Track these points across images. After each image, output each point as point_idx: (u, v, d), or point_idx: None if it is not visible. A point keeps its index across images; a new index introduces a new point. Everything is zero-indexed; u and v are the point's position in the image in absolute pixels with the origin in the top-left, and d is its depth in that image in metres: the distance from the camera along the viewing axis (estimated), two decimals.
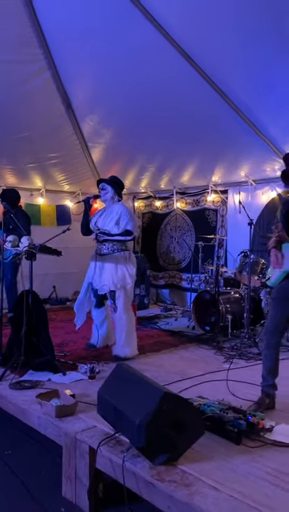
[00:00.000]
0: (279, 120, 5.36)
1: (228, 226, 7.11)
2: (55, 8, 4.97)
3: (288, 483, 2.20)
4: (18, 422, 3.34)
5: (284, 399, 3.32)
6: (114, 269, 4.36)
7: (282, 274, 3.16)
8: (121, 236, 4.36)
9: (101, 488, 2.66)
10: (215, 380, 3.75)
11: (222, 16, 4.23)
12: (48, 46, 5.48)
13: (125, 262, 4.41)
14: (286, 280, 3.15)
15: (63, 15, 5.02)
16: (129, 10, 4.58)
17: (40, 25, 5.19)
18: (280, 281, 3.19)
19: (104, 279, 4.39)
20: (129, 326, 4.41)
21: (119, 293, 4.37)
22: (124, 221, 4.34)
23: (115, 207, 4.46)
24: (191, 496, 2.07)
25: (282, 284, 3.19)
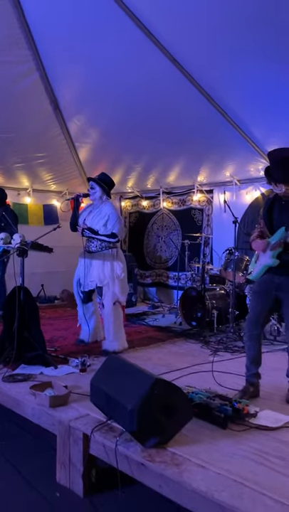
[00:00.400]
0: (262, 123, 5.55)
1: (214, 225, 7.29)
2: (43, 10, 5.06)
3: (272, 461, 2.35)
4: (10, 415, 3.44)
5: (267, 388, 3.49)
6: (102, 266, 4.49)
7: (264, 269, 3.32)
8: (106, 237, 4.47)
9: (94, 473, 2.77)
10: (202, 372, 3.90)
11: (209, 23, 4.36)
12: (37, 47, 5.57)
13: (113, 259, 4.53)
14: (267, 274, 3.31)
15: (52, 16, 5.11)
16: (117, 14, 4.69)
17: (29, 27, 5.27)
18: (261, 275, 3.35)
19: (91, 275, 4.52)
20: (117, 321, 4.55)
21: (106, 289, 4.49)
22: (111, 224, 4.45)
23: (104, 207, 4.57)
24: (180, 474, 2.20)
25: (263, 278, 3.35)
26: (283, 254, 3.18)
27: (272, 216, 3.31)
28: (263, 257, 3.33)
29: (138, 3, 4.58)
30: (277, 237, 3.21)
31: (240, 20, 4.19)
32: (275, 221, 3.28)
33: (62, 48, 5.55)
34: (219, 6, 4.12)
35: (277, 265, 3.21)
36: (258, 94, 5.08)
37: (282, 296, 3.25)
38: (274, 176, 3.14)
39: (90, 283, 4.54)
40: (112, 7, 4.64)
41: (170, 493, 2.24)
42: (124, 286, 4.62)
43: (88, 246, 4.62)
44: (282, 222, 3.22)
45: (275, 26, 4.07)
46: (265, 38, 4.29)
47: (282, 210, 3.24)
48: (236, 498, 1.99)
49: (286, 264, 3.18)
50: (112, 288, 4.49)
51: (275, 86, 4.84)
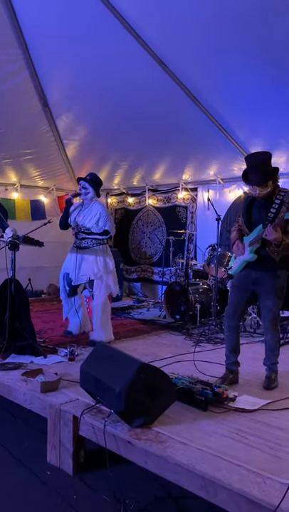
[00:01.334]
0: (245, 124, 5.76)
1: (198, 222, 7.50)
2: (34, 10, 5.17)
3: (248, 438, 2.56)
4: (1, 402, 3.60)
5: (246, 375, 3.72)
6: (95, 261, 4.70)
7: (243, 264, 3.53)
8: (99, 235, 4.70)
9: (82, 454, 2.96)
10: (184, 361, 4.10)
11: (195, 24, 4.52)
12: (27, 46, 5.69)
13: (103, 254, 4.76)
14: (246, 269, 3.53)
15: (42, 17, 5.23)
16: (105, 15, 4.82)
17: (20, 27, 5.39)
18: (240, 270, 3.57)
19: (83, 269, 4.71)
20: (106, 313, 4.75)
21: (99, 282, 4.70)
22: (102, 221, 4.65)
23: (94, 206, 4.75)
24: (164, 450, 2.40)
25: (242, 273, 3.56)
26: (261, 250, 3.40)
27: (252, 214, 3.53)
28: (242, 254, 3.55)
29: (125, 4, 4.74)
30: (255, 234, 3.42)
31: (225, 22, 4.36)
32: (254, 218, 3.50)
33: (51, 47, 5.67)
34: (205, 7, 4.27)
35: (255, 260, 3.43)
36: (242, 96, 5.27)
37: (259, 290, 3.47)
38: (250, 179, 3.34)
39: (82, 277, 4.72)
40: (100, 8, 4.77)
41: (155, 468, 2.44)
42: (116, 279, 4.87)
43: (79, 242, 4.80)
44: (260, 219, 3.43)
45: (261, 29, 4.24)
46: (250, 41, 4.46)
47: (260, 208, 3.45)
48: (215, 469, 2.20)
49: (263, 259, 3.39)
50: (105, 281, 4.70)
51: (258, 88, 5.03)
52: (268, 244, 3.35)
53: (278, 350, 3.54)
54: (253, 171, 3.31)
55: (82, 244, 4.77)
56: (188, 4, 4.32)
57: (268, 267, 3.40)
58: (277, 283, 3.41)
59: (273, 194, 3.38)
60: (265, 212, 3.41)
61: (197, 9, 4.34)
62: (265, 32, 4.25)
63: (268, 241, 3.32)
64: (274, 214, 3.34)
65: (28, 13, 5.22)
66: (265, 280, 3.42)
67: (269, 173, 3.31)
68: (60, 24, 5.22)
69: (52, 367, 3.80)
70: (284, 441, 2.55)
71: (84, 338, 4.81)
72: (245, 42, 4.51)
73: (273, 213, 3.34)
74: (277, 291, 3.41)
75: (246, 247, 3.48)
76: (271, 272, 3.40)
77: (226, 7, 4.16)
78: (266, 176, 3.30)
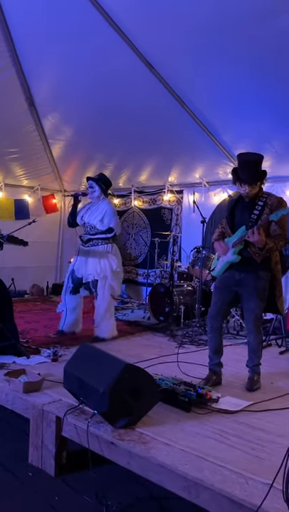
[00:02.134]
0: (231, 128, 5.81)
1: (183, 224, 7.53)
2: (22, 8, 5.15)
3: (230, 439, 2.58)
4: None
5: (229, 377, 3.74)
6: (98, 260, 4.78)
7: (225, 265, 3.56)
8: (103, 234, 4.82)
9: (65, 455, 2.94)
10: (168, 362, 4.11)
11: (183, 27, 4.54)
12: (14, 44, 5.65)
13: (108, 254, 4.83)
14: (229, 271, 3.56)
15: (30, 14, 5.20)
16: (93, 15, 4.83)
17: (7, 24, 5.36)
18: (223, 271, 3.60)
19: (89, 268, 4.79)
20: (109, 311, 4.90)
21: (103, 282, 4.79)
22: (107, 219, 4.76)
23: (101, 205, 4.87)
24: (147, 451, 2.40)
25: (225, 274, 3.59)
26: (243, 251, 3.43)
27: (235, 215, 3.56)
28: (225, 255, 3.58)
29: (114, 5, 4.74)
30: (238, 235, 3.46)
31: (212, 26, 4.39)
32: (237, 220, 3.54)
33: (38, 45, 5.64)
34: (192, 11, 4.30)
35: (238, 262, 3.46)
36: (227, 99, 5.31)
37: (242, 291, 3.50)
38: (240, 177, 3.37)
39: (89, 276, 4.81)
40: (89, 8, 4.77)
41: (137, 469, 2.43)
42: (118, 279, 4.95)
43: (84, 243, 4.91)
44: (243, 221, 3.47)
45: (247, 34, 4.28)
46: (237, 45, 4.49)
47: (244, 210, 3.50)
48: (198, 470, 2.20)
49: (246, 260, 3.43)
50: (109, 280, 4.80)
51: (244, 92, 5.07)
52: (250, 246, 3.38)
53: (261, 351, 3.58)
54: (245, 169, 3.35)
55: (87, 244, 4.86)
56: (176, 8, 4.34)
57: (250, 268, 3.44)
58: (260, 284, 3.44)
59: (257, 196, 3.43)
60: (248, 214, 3.45)
61: (185, 13, 4.36)
62: (251, 36, 4.29)
63: (251, 242, 3.35)
64: (257, 216, 3.38)
65: (15, 10, 5.19)
66: (247, 281, 3.45)
67: (260, 173, 3.36)
68: (47, 22, 5.20)
69: (35, 367, 3.76)
70: (266, 442, 2.57)
71: (69, 339, 4.79)
72: (231, 46, 4.55)
73: (256, 215, 3.39)
74: (259, 292, 3.45)
75: (230, 248, 3.51)
76: (253, 273, 3.44)
77: (213, 12, 4.19)
78: (257, 175, 3.34)
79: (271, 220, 3.26)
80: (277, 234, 3.36)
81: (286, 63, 4.40)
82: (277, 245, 3.35)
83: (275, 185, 6.01)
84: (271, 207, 3.36)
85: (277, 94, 4.83)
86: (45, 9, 5.02)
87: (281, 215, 3.24)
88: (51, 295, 8.35)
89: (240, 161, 3.47)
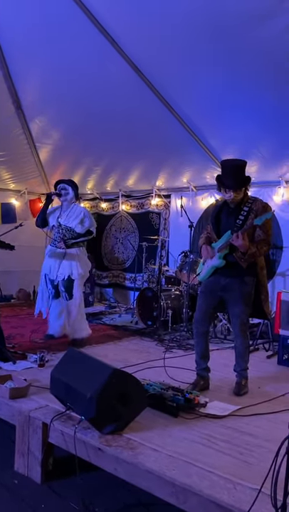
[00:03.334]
0: (218, 133, 5.84)
1: (170, 228, 7.53)
2: (9, 11, 5.11)
3: (218, 444, 2.57)
4: None
5: (217, 381, 3.74)
6: (71, 262, 4.81)
7: (211, 270, 3.57)
8: (84, 237, 4.93)
9: (51, 462, 2.91)
10: (156, 367, 4.09)
11: (171, 33, 4.55)
12: (1, 47, 5.62)
13: (78, 257, 4.87)
14: (214, 275, 3.56)
15: (17, 18, 5.17)
16: (80, 19, 4.81)
17: None
18: (208, 276, 3.60)
19: (62, 270, 4.80)
20: (81, 311, 4.91)
21: (77, 282, 4.84)
22: (86, 222, 4.85)
23: (76, 207, 4.98)
24: (135, 456, 2.38)
25: (210, 279, 3.60)
26: (228, 256, 3.44)
27: (221, 221, 3.58)
28: (211, 259, 3.58)
29: (101, 9, 4.74)
30: (223, 240, 3.47)
31: (198, 33, 4.41)
32: (223, 225, 3.55)
33: (25, 49, 5.62)
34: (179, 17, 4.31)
35: (223, 266, 3.47)
36: (214, 104, 5.33)
37: (227, 296, 3.51)
38: (225, 183, 3.38)
39: (60, 275, 4.82)
40: (76, 12, 4.76)
41: (125, 475, 2.41)
42: (80, 282, 4.95)
43: (55, 244, 4.90)
44: (228, 226, 3.48)
45: (233, 40, 4.30)
46: (222, 51, 4.52)
47: (229, 216, 3.51)
48: (186, 476, 2.19)
49: (231, 265, 3.44)
50: (80, 282, 4.87)
51: (230, 98, 5.11)
52: (236, 251, 3.40)
53: (248, 356, 3.59)
54: (229, 175, 3.36)
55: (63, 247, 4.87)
56: (165, 14, 4.35)
57: (235, 273, 3.45)
58: (245, 289, 3.46)
59: (242, 202, 3.44)
60: (233, 219, 3.47)
61: (174, 19, 4.37)
62: (237, 43, 4.33)
63: (236, 247, 3.36)
64: (242, 221, 3.40)
65: (2, 13, 5.14)
66: (233, 286, 3.46)
67: (244, 179, 3.37)
68: (34, 26, 5.18)
69: (21, 373, 3.71)
70: (254, 446, 2.57)
71: (55, 344, 4.76)
72: (218, 53, 4.58)
73: (242, 220, 3.41)
74: (245, 297, 3.46)
75: (215, 253, 3.52)
76: (239, 278, 3.45)
77: (202, 19, 4.22)
78: (242, 181, 3.36)
79: (255, 224, 3.27)
80: (261, 239, 3.38)
81: (272, 70, 4.44)
82: (259, 251, 3.37)
83: (262, 190, 6.06)
84: (256, 212, 3.38)
85: (264, 100, 4.87)
86: (33, 13, 5.00)
87: (265, 219, 3.26)
88: None
89: (224, 167, 3.49)
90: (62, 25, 5.05)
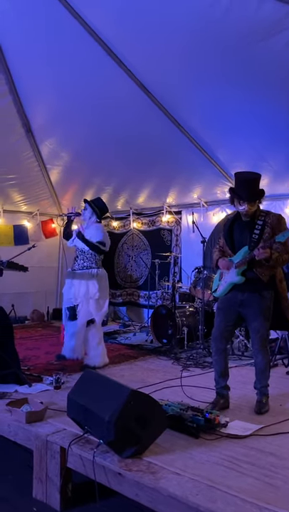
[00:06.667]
0: (228, 148, 5.85)
1: (182, 245, 7.51)
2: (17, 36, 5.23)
3: (241, 466, 2.48)
4: None
5: (237, 400, 3.65)
6: (78, 285, 4.70)
7: (228, 286, 3.50)
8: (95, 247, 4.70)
9: (70, 487, 2.83)
10: (173, 386, 4.01)
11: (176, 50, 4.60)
12: (10, 72, 5.72)
13: (90, 278, 4.70)
14: (232, 291, 3.50)
15: (25, 43, 5.29)
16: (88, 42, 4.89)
17: (3, 52, 5.43)
18: (226, 292, 3.54)
19: (71, 293, 4.73)
20: (95, 338, 4.73)
21: (80, 307, 4.69)
22: (98, 236, 4.71)
23: (94, 226, 4.84)
24: (157, 481, 2.30)
25: (228, 295, 3.53)
26: (247, 272, 3.38)
27: (233, 235, 3.52)
28: (228, 275, 3.52)
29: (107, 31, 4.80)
30: (240, 256, 3.41)
31: (205, 48, 4.43)
32: (237, 239, 3.50)
33: (34, 73, 5.71)
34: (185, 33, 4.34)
35: (241, 282, 3.41)
36: (222, 119, 5.36)
37: (245, 312, 3.44)
38: (238, 194, 3.34)
39: (69, 300, 4.75)
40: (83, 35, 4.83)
41: (147, 501, 2.33)
42: (99, 306, 4.74)
43: (73, 265, 4.87)
44: (242, 240, 3.43)
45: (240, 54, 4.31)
46: (230, 66, 4.55)
47: (243, 230, 3.46)
48: (210, 501, 2.11)
49: (250, 281, 3.38)
50: (85, 306, 4.66)
51: (239, 113, 5.12)
52: (256, 266, 3.34)
53: (269, 372, 3.51)
54: (244, 187, 3.33)
55: (75, 266, 4.82)
56: (169, 30, 4.39)
57: (254, 288, 3.39)
58: (264, 304, 3.39)
59: (255, 215, 3.40)
60: (247, 233, 3.42)
61: (179, 34, 4.41)
62: (244, 56, 4.34)
63: (256, 262, 3.31)
64: (258, 235, 3.35)
65: (11, 39, 5.27)
66: (251, 302, 3.40)
67: (258, 192, 3.34)
68: (42, 50, 5.28)
69: (37, 396, 3.67)
70: (278, 468, 2.48)
71: (72, 365, 4.70)
72: (224, 66, 4.60)
73: (257, 234, 3.36)
74: (264, 312, 3.39)
75: (232, 269, 3.46)
76: (258, 293, 3.39)
77: (206, 33, 4.23)
78: (256, 193, 3.32)
79: (277, 241, 3.22)
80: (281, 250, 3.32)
81: (279, 82, 4.45)
82: (282, 257, 3.29)
83: (273, 203, 6.03)
84: (272, 225, 3.34)
85: (272, 113, 4.88)
86: (41, 37, 5.10)
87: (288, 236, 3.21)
88: (52, 320, 8.27)
89: (238, 179, 3.45)
90: (71, 49, 5.13)
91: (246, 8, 3.76)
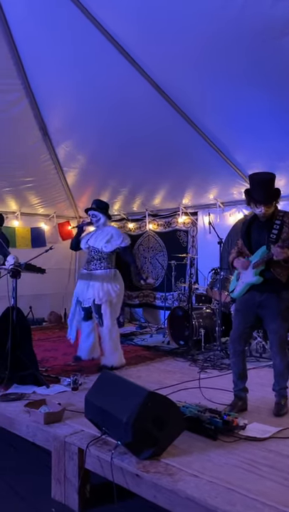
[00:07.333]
0: (244, 148, 5.80)
1: (198, 246, 7.48)
2: (34, 41, 5.31)
3: (260, 469, 2.46)
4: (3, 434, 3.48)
5: (255, 402, 3.61)
6: (100, 285, 4.70)
7: (246, 287, 3.47)
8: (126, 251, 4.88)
9: (88, 488, 2.84)
10: (191, 388, 3.99)
11: (192, 50, 4.58)
12: (27, 77, 5.79)
13: (110, 279, 4.73)
14: (249, 292, 3.46)
15: (42, 47, 5.36)
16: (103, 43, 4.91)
17: (20, 57, 5.50)
18: (243, 293, 3.50)
19: (89, 293, 4.72)
20: (113, 338, 4.73)
21: (105, 307, 4.68)
22: (117, 238, 4.78)
23: (106, 228, 4.91)
24: (175, 483, 2.30)
25: (245, 296, 3.50)
26: (265, 272, 3.35)
27: (251, 236, 3.49)
28: (245, 276, 3.49)
29: (122, 33, 4.82)
30: (258, 256, 3.38)
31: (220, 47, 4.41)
32: (254, 240, 3.46)
33: (50, 76, 5.77)
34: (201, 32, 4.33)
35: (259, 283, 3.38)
36: (239, 119, 5.31)
37: (264, 313, 3.40)
38: (254, 198, 3.31)
39: (88, 300, 4.74)
40: (98, 37, 4.86)
41: (165, 502, 2.32)
42: (115, 308, 4.78)
43: (88, 266, 4.87)
44: (260, 241, 3.40)
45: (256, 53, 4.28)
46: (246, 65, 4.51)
47: (260, 230, 3.42)
48: (229, 504, 2.09)
49: (268, 281, 3.34)
50: (110, 306, 4.70)
51: (255, 112, 5.08)
52: (274, 266, 3.31)
53: (287, 374, 3.46)
54: (259, 189, 3.30)
55: (91, 266, 4.83)
56: (185, 31, 4.38)
57: (272, 289, 3.35)
58: (283, 305, 3.35)
59: (273, 215, 3.37)
60: (266, 233, 3.38)
61: (194, 35, 4.40)
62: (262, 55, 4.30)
63: (274, 262, 3.28)
64: (276, 235, 3.32)
65: (27, 43, 5.34)
66: (269, 302, 3.36)
67: (274, 192, 3.31)
68: (58, 53, 5.33)
69: (55, 397, 3.69)
70: None
71: (89, 366, 4.73)
72: (240, 66, 4.56)
73: (275, 234, 3.32)
74: (282, 313, 3.35)
75: (250, 270, 3.43)
76: (276, 293, 3.35)
77: (223, 32, 4.21)
78: (272, 195, 3.29)
79: None
80: None
81: None
82: None
83: None
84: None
85: None
86: (56, 41, 5.15)
87: None
88: None
89: (252, 181, 3.42)
90: (86, 52, 5.17)
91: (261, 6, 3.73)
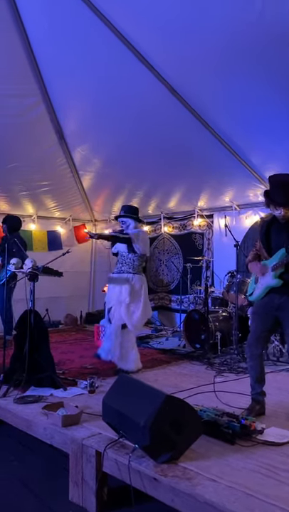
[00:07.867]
0: (260, 149, 5.77)
1: (214, 248, 7.45)
2: (50, 49, 5.37)
3: (279, 474, 2.44)
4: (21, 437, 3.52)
5: (273, 406, 3.58)
6: (113, 289, 4.78)
7: (265, 290, 3.43)
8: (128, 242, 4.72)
9: (106, 491, 2.85)
10: (207, 392, 3.98)
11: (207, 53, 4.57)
12: (44, 81, 5.85)
13: (124, 283, 4.71)
14: (268, 295, 3.42)
15: (58, 54, 5.41)
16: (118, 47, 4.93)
17: (37, 63, 5.57)
18: (262, 296, 3.47)
19: (108, 296, 4.84)
20: (128, 342, 4.74)
21: (113, 310, 4.73)
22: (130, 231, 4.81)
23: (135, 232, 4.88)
24: (193, 488, 2.29)
25: (264, 299, 3.46)
26: (285, 275, 3.31)
27: (270, 238, 3.46)
28: (264, 278, 3.46)
29: (137, 36, 4.84)
30: (277, 258, 3.34)
31: (236, 49, 4.39)
32: (273, 242, 3.42)
33: (67, 81, 5.82)
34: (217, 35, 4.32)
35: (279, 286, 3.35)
36: (254, 121, 5.29)
37: (283, 316, 3.36)
38: (274, 199, 3.29)
39: (109, 303, 4.83)
40: (113, 41, 4.88)
41: (182, 507, 2.32)
42: (129, 311, 4.70)
43: (114, 270, 4.96)
44: (280, 243, 3.36)
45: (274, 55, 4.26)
46: (261, 67, 4.50)
47: (279, 232, 3.39)
48: (248, 509, 2.08)
49: (287, 284, 3.31)
50: (118, 310, 4.69)
51: (271, 114, 5.05)
52: None
53: None
54: (279, 191, 3.26)
55: (114, 270, 4.91)
56: (201, 33, 4.38)
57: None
58: None
59: None
60: (285, 235, 3.35)
61: (209, 37, 4.39)
62: (277, 59, 4.29)
63: None
64: None
65: (45, 49, 5.39)
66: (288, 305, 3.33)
67: None
68: (74, 58, 5.37)
69: (72, 399, 3.72)
70: None
71: (106, 369, 4.76)
72: (255, 68, 4.55)
73: None
74: None
75: (269, 272, 3.40)
76: None
77: (239, 33, 4.20)
78: None
79: None
80: None
81: None
82: None
83: None
84: None
85: None
86: (72, 45, 5.19)
87: None
88: (85, 324, 8.36)
89: (272, 183, 3.39)
90: (102, 56, 5.21)
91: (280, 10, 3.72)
